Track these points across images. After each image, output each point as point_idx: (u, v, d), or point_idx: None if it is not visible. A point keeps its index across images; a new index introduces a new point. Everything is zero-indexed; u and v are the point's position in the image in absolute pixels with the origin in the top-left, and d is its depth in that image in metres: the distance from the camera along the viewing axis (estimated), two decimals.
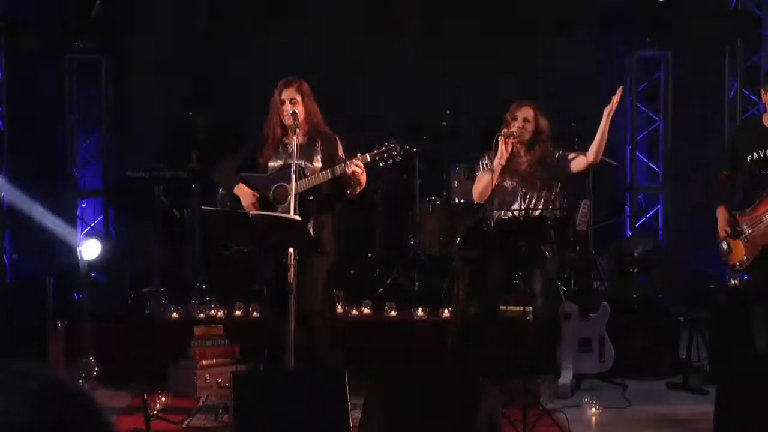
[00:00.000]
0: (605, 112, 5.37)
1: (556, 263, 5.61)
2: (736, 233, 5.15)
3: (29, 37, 7.59)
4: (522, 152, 5.57)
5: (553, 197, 5.61)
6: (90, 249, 6.20)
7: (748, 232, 5.11)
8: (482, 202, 5.66)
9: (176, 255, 7.40)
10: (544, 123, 5.59)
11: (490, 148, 5.53)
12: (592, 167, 5.65)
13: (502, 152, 5.43)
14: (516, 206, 5.50)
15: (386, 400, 4.03)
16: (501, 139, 5.42)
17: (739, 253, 5.16)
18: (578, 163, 5.54)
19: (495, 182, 5.50)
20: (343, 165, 4.92)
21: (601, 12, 8.16)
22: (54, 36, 7.81)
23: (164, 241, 7.34)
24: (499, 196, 5.58)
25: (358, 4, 8.13)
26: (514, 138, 5.47)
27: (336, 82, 7.89)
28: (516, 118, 5.54)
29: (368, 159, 4.96)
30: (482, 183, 5.55)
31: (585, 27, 8.10)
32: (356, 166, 4.88)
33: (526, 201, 5.52)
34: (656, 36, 8.12)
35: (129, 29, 8.04)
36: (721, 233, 5.19)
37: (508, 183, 5.56)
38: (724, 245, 5.21)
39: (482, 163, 5.63)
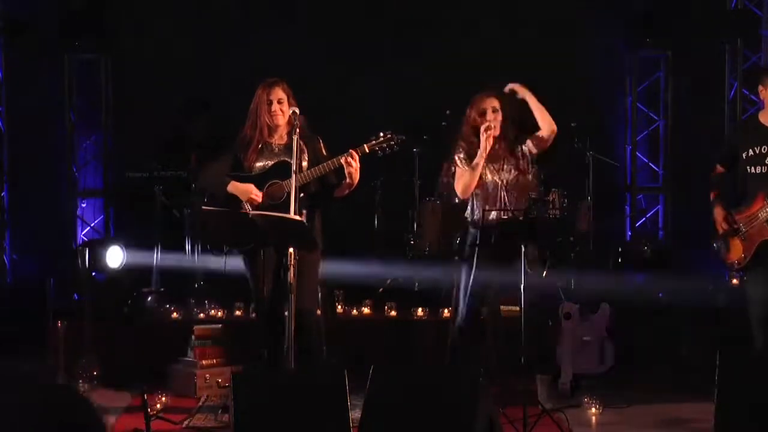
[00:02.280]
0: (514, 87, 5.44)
1: (540, 263, 5.44)
2: (733, 231, 5.14)
3: (29, 37, 7.59)
4: (496, 144, 5.42)
5: (531, 179, 5.50)
6: (114, 257, 6.06)
7: (744, 229, 5.10)
8: (465, 198, 5.55)
9: (176, 255, 7.39)
10: (509, 109, 5.45)
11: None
12: (553, 141, 5.48)
13: (485, 147, 5.29)
14: (498, 200, 5.41)
15: (386, 400, 4.03)
16: (482, 135, 5.30)
17: (737, 251, 5.14)
18: (539, 141, 5.46)
19: (477, 178, 5.42)
20: (345, 155, 4.91)
21: (602, 12, 8.16)
22: (54, 36, 7.81)
23: (164, 241, 7.33)
24: (482, 191, 5.49)
25: (358, 4, 8.13)
26: (492, 131, 5.32)
27: (336, 82, 7.90)
28: (485, 111, 5.40)
29: (366, 150, 4.95)
30: (465, 179, 5.40)
31: (585, 27, 8.09)
32: (353, 158, 4.88)
33: (507, 193, 5.42)
34: (656, 36, 8.12)
35: (129, 29, 8.04)
36: (719, 231, 5.19)
37: (488, 177, 5.45)
38: (722, 244, 5.20)
39: (458, 158, 5.45)
